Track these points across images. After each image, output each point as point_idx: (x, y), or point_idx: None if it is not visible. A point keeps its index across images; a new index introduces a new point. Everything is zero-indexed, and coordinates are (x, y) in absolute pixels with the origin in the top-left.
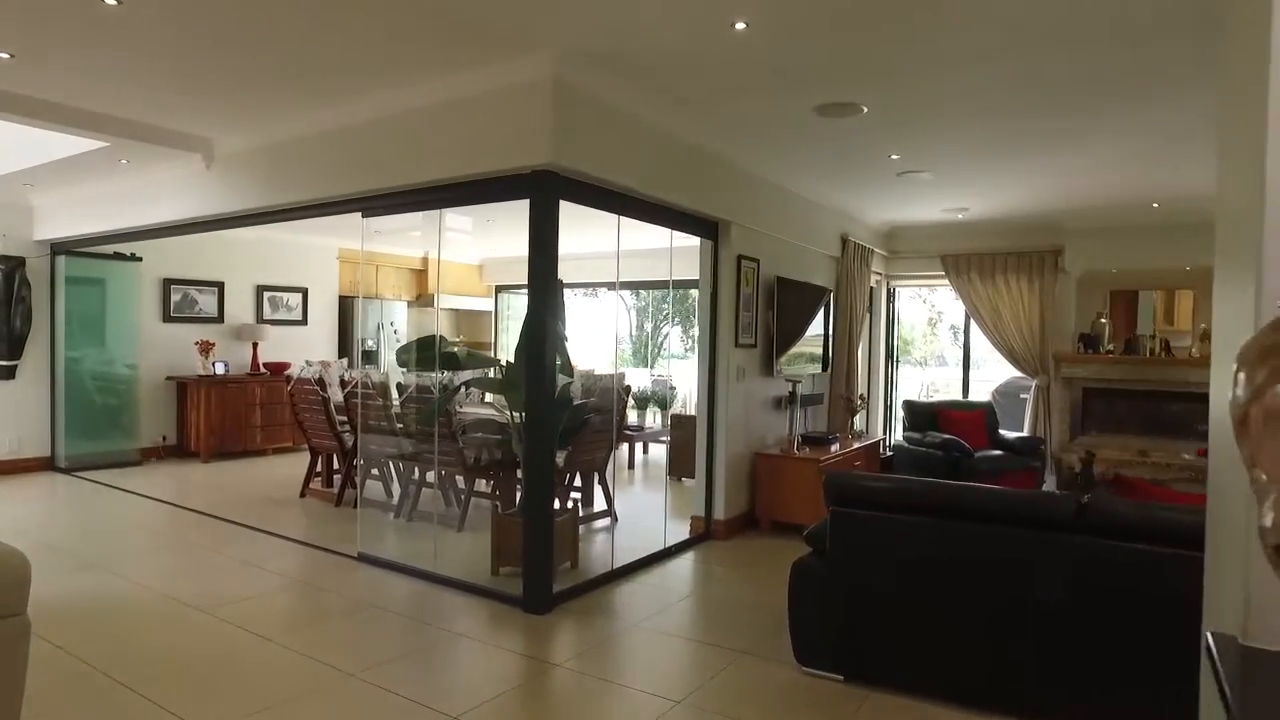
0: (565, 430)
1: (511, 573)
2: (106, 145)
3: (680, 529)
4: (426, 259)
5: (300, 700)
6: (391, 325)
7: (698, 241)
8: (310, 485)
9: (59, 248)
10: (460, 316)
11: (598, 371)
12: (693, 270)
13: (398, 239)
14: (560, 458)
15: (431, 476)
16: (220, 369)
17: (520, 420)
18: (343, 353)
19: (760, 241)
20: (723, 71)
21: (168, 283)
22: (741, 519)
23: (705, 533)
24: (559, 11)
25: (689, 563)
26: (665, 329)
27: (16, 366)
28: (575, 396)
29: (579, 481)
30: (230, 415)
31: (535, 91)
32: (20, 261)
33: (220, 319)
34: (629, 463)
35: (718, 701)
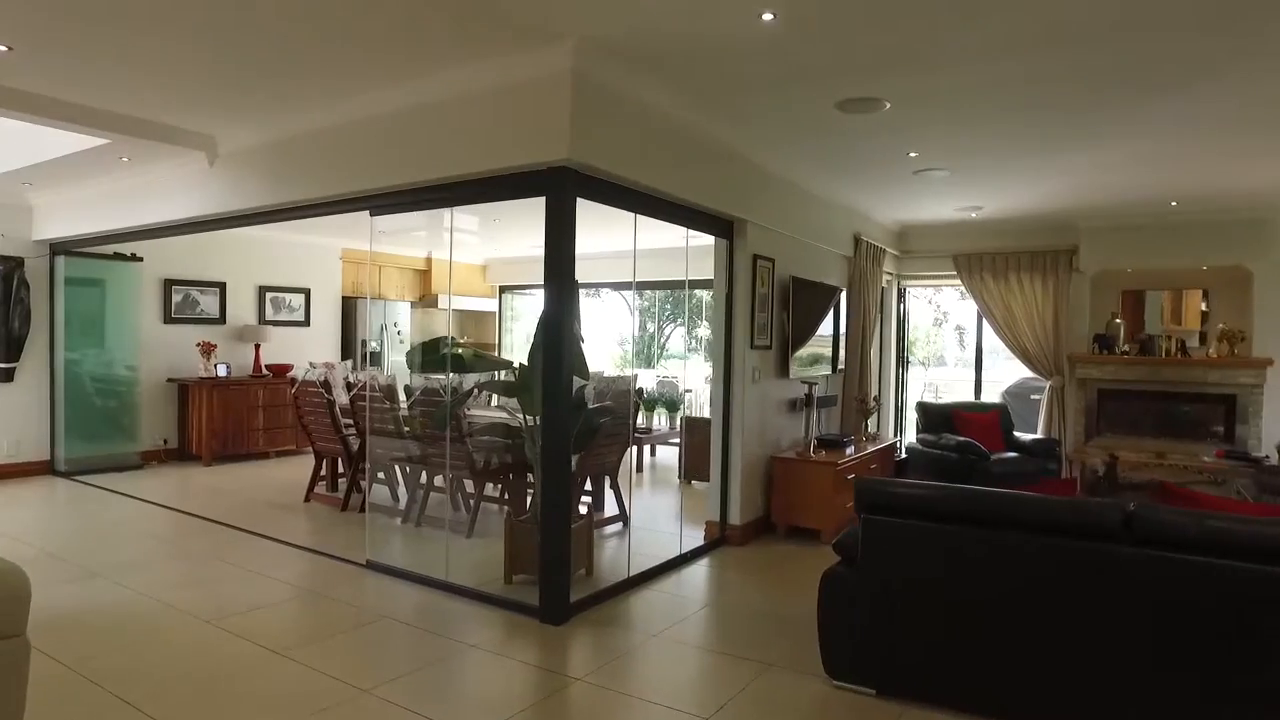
0: (579, 434)
1: (525, 581)
2: (107, 142)
3: (694, 534)
4: (430, 259)
5: (314, 719)
6: (395, 326)
7: (709, 241)
8: (315, 490)
9: (58, 248)
10: (464, 317)
11: (606, 374)
12: (701, 270)
13: (400, 239)
14: (572, 462)
15: (440, 481)
16: (222, 371)
17: (534, 424)
18: (345, 354)
19: (775, 240)
20: (745, 64)
21: (169, 283)
22: (757, 524)
23: (720, 538)
24: None
25: (705, 569)
26: (668, 329)
27: (15, 369)
28: (589, 399)
29: (589, 485)
30: (232, 418)
31: (552, 85)
32: (19, 262)
33: (222, 320)
34: (637, 465)
35: (748, 717)
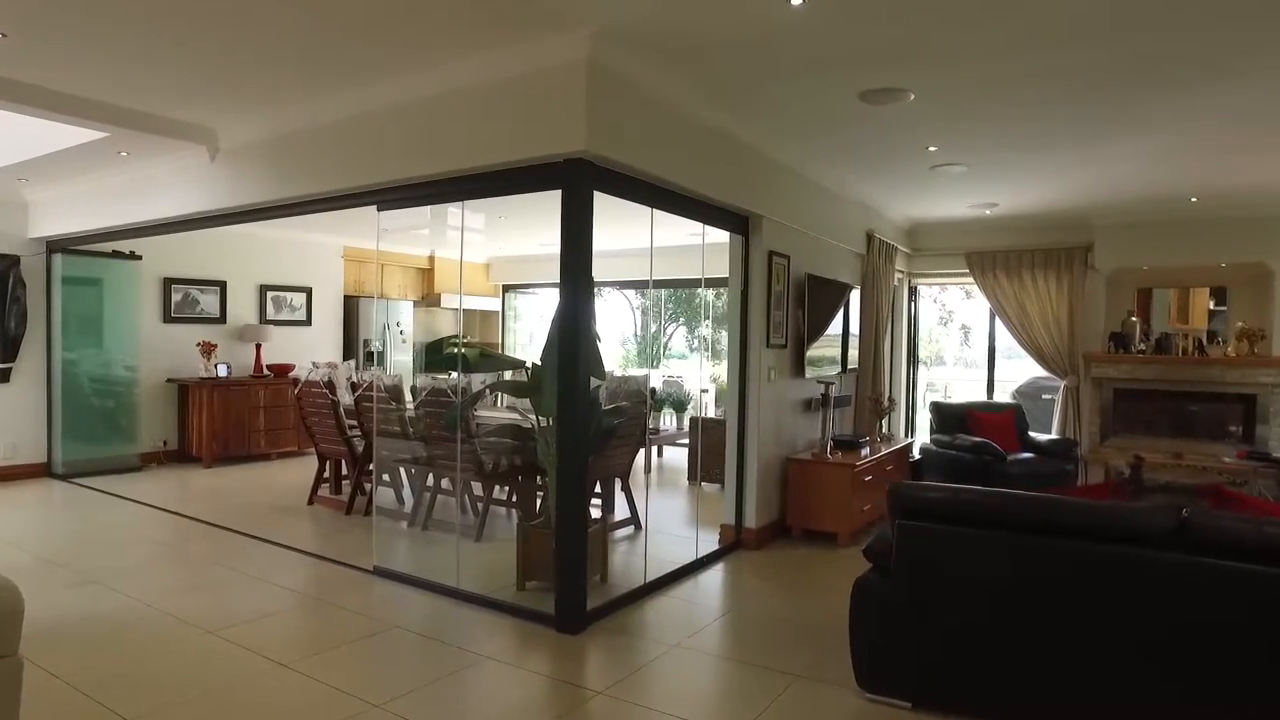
0: (593, 435)
1: (538, 587)
2: (105, 136)
3: (707, 537)
4: (433, 258)
5: None
6: (398, 326)
7: (720, 239)
8: (318, 492)
9: (55, 245)
10: (468, 316)
11: (614, 374)
12: (709, 269)
13: (403, 237)
14: None
15: (447, 483)
16: (223, 371)
17: (546, 425)
18: (347, 354)
19: (790, 237)
20: (768, 53)
21: (168, 282)
22: (773, 527)
23: (736, 541)
24: None
25: (722, 575)
26: (671, 328)
27: (11, 369)
28: (604, 400)
29: (598, 488)
30: (233, 419)
31: (569, 74)
32: (15, 260)
33: (222, 319)
34: (645, 466)
35: None
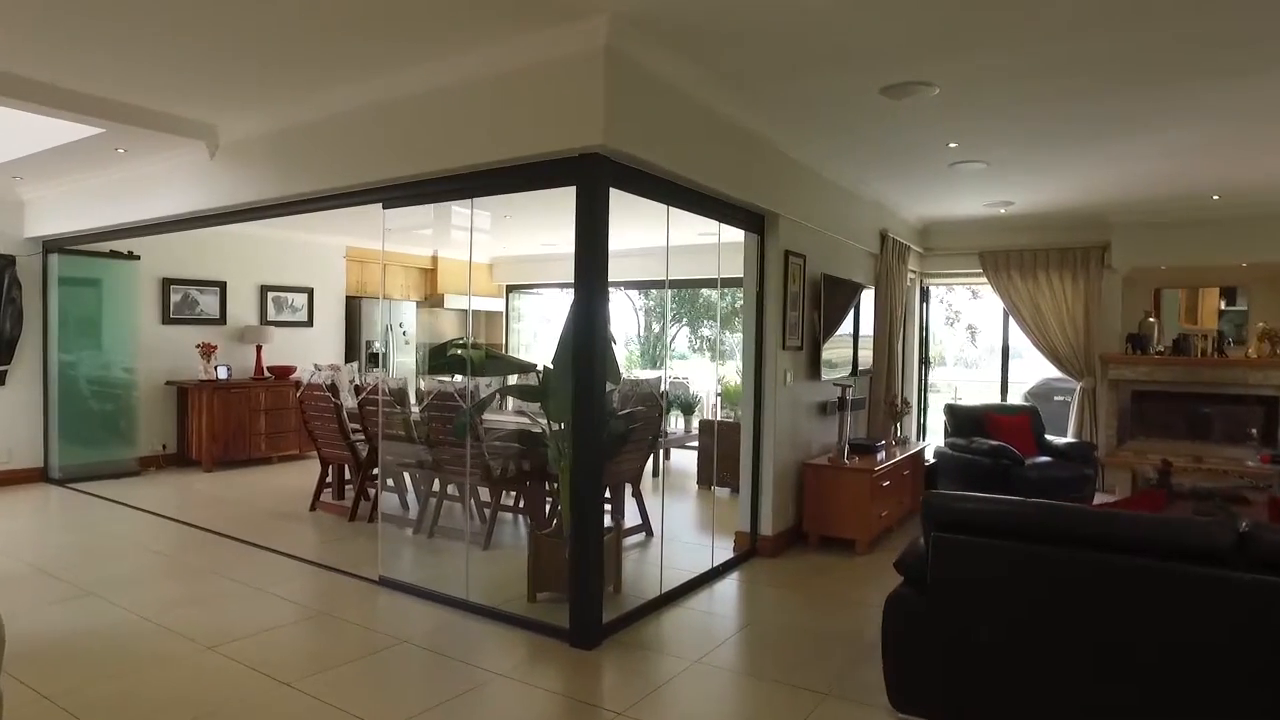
0: (607, 440)
1: (550, 599)
2: (101, 132)
3: (721, 544)
4: (436, 258)
5: None
6: (400, 327)
7: (732, 238)
8: (320, 498)
9: (52, 245)
10: (472, 317)
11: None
12: (719, 269)
13: (406, 237)
14: None
15: (453, 489)
16: (223, 373)
17: (559, 429)
18: (349, 356)
19: (806, 236)
20: (790, 45)
21: (167, 282)
22: (788, 534)
23: (751, 549)
24: None
25: (739, 584)
26: (674, 329)
27: (7, 372)
28: (616, 403)
29: (607, 494)
30: (234, 422)
31: (585, 65)
32: (10, 260)
33: (222, 320)
34: (653, 471)
35: None
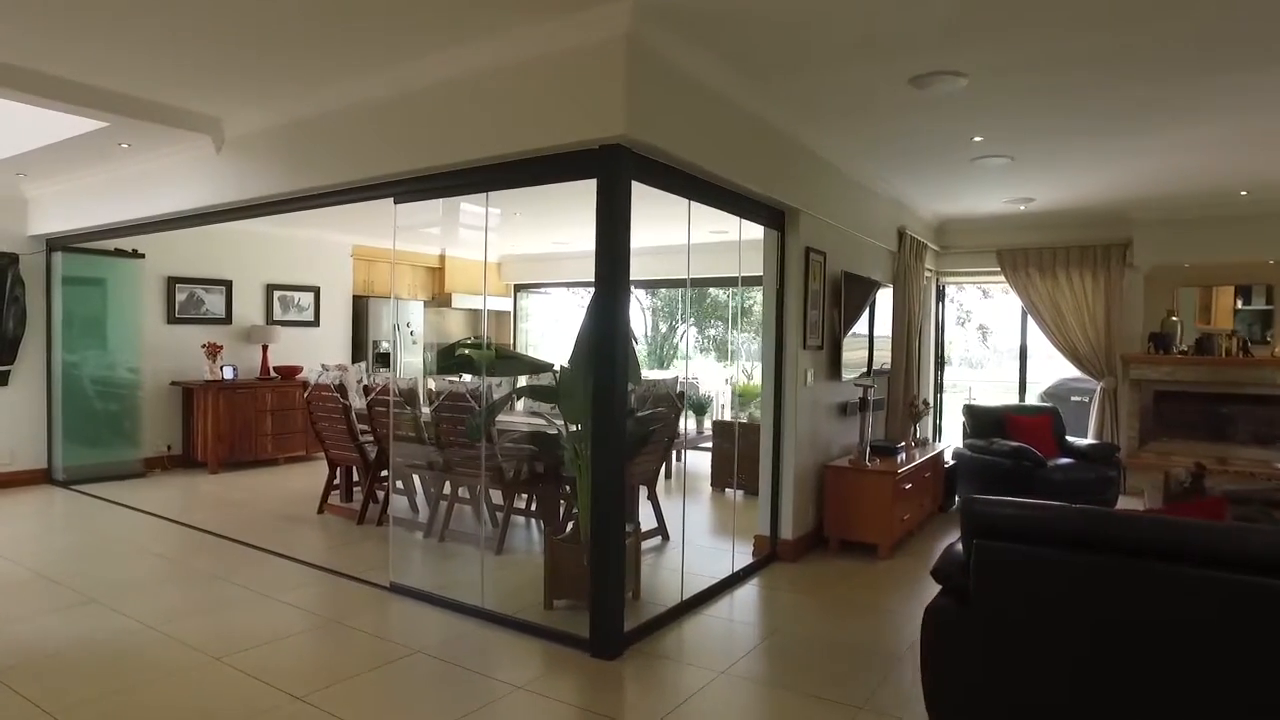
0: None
1: (568, 606)
2: (105, 126)
3: (740, 548)
4: (444, 256)
5: None
6: (408, 326)
7: (752, 235)
8: (328, 500)
9: (55, 243)
10: (477, 317)
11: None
12: (728, 267)
13: (413, 235)
14: None
15: (463, 491)
16: (229, 373)
17: (575, 430)
18: (356, 355)
19: (827, 233)
20: (817, 32)
21: (172, 281)
22: (809, 538)
23: (771, 554)
24: None
25: (760, 590)
26: (681, 329)
27: (10, 372)
28: (633, 404)
29: None
30: (240, 423)
31: (606, 53)
32: (13, 259)
33: (228, 320)
34: (667, 472)
35: None
